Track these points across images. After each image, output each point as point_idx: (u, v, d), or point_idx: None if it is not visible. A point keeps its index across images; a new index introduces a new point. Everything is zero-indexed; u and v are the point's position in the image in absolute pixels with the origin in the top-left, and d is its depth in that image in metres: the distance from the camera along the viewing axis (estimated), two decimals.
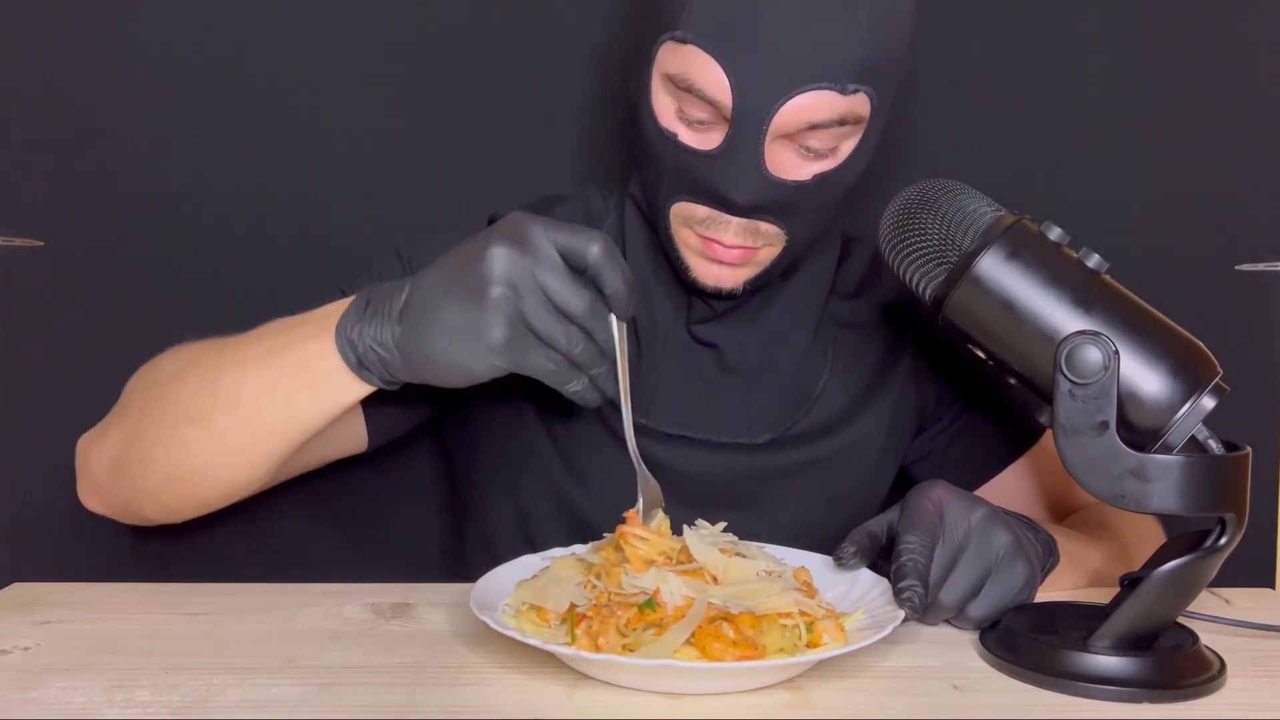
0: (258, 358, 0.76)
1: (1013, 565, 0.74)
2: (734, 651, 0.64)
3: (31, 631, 0.75)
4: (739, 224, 0.84)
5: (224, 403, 0.76)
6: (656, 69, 0.83)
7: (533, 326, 0.69)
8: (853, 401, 0.97)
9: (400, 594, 0.83)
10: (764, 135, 0.80)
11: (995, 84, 1.16)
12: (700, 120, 0.82)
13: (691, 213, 0.85)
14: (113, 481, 0.84)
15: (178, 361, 0.84)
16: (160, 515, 0.85)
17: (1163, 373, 0.69)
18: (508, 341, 0.69)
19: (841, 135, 0.83)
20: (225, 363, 0.78)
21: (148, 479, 0.81)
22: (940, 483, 0.77)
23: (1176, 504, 0.68)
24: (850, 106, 0.81)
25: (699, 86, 0.80)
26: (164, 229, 1.12)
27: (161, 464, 0.80)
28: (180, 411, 0.78)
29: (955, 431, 1.01)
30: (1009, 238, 0.72)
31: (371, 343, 0.72)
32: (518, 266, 0.69)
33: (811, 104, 0.79)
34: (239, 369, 0.77)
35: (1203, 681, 0.68)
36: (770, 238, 0.86)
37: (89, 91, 1.10)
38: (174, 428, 0.78)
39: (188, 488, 0.81)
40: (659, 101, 0.84)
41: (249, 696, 0.64)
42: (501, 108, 1.14)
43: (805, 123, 0.80)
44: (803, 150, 0.82)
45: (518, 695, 0.65)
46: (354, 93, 1.13)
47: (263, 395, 0.75)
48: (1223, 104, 1.15)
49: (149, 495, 0.82)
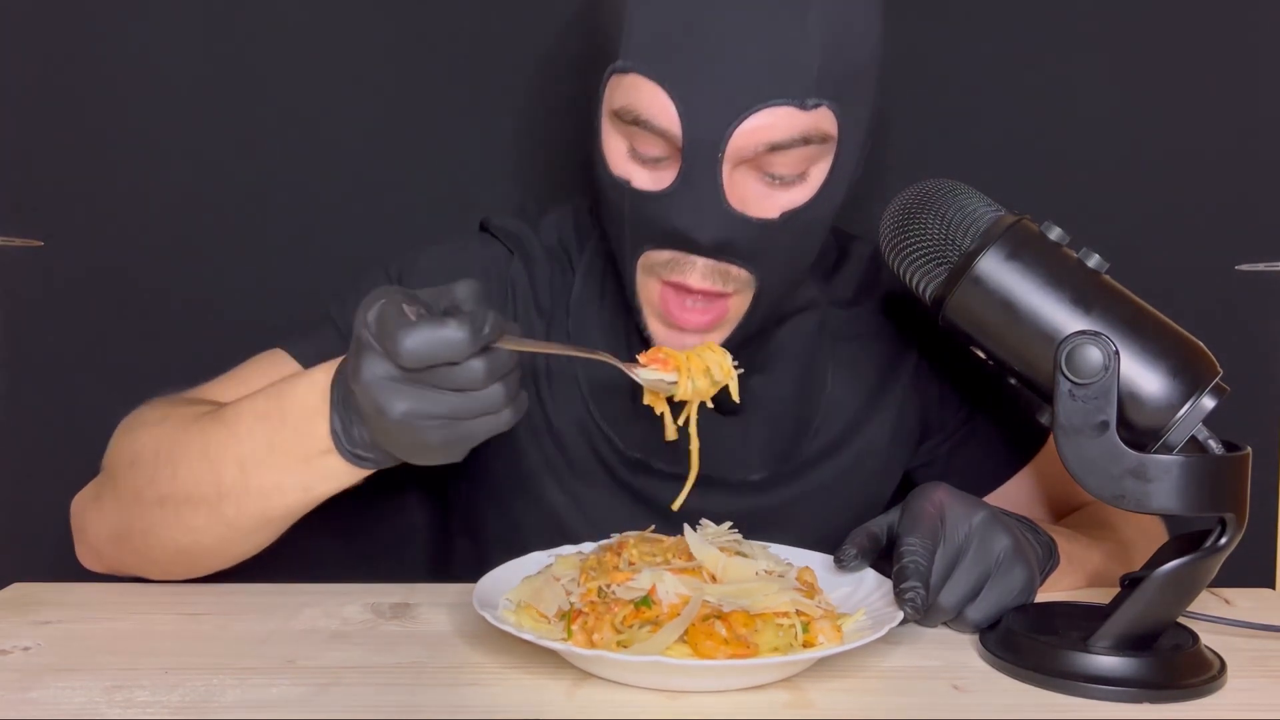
0: (256, 456, 0.73)
1: (1012, 568, 0.74)
2: (726, 650, 0.64)
3: (31, 631, 0.75)
4: (705, 265, 0.79)
5: (232, 496, 0.74)
6: (605, 108, 0.79)
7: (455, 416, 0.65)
8: (855, 417, 0.95)
9: (400, 594, 0.83)
10: (720, 163, 0.75)
11: (994, 84, 1.16)
12: (654, 157, 0.78)
13: (656, 258, 0.80)
14: (115, 551, 0.83)
15: (162, 430, 0.80)
16: (164, 578, 0.84)
17: (1163, 373, 0.69)
18: (445, 441, 0.66)
19: (809, 158, 0.77)
20: (221, 456, 0.74)
21: (153, 553, 0.80)
22: (941, 485, 0.77)
23: (1176, 504, 0.68)
24: (813, 123, 0.76)
25: (645, 117, 0.76)
26: (164, 229, 1.12)
27: (167, 543, 0.78)
28: (184, 497, 0.76)
29: (959, 439, 0.99)
30: (1009, 238, 0.72)
31: (361, 447, 0.70)
32: (397, 391, 0.64)
33: (769, 123, 0.74)
34: (238, 467, 0.73)
35: (1203, 681, 0.68)
36: (740, 282, 0.80)
37: (89, 91, 1.11)
38: (178, 511, 0.76)
39: (197, 560, 0.80)
40: (610, 145, 0.80)
41: (249, 696, 0.64)
42: (501, 108, 1.14)
43: (765, 144, 0.75)
44: (768, 178, 0.77)
45: (518, 695, 0.65)
46: (354, 93, 1.13)
47: (274, 491, 0.73)
48: (1223, 104, 1.15)
49: (156, 565, 0.82)
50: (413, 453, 0.68)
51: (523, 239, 0.94)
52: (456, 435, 0.66)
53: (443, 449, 0.67)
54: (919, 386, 0.98)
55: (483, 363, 0.64)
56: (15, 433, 1.13)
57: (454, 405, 0.65)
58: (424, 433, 0.65)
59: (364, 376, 0.65)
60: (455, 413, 0.65)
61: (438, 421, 0.65)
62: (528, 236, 0.94)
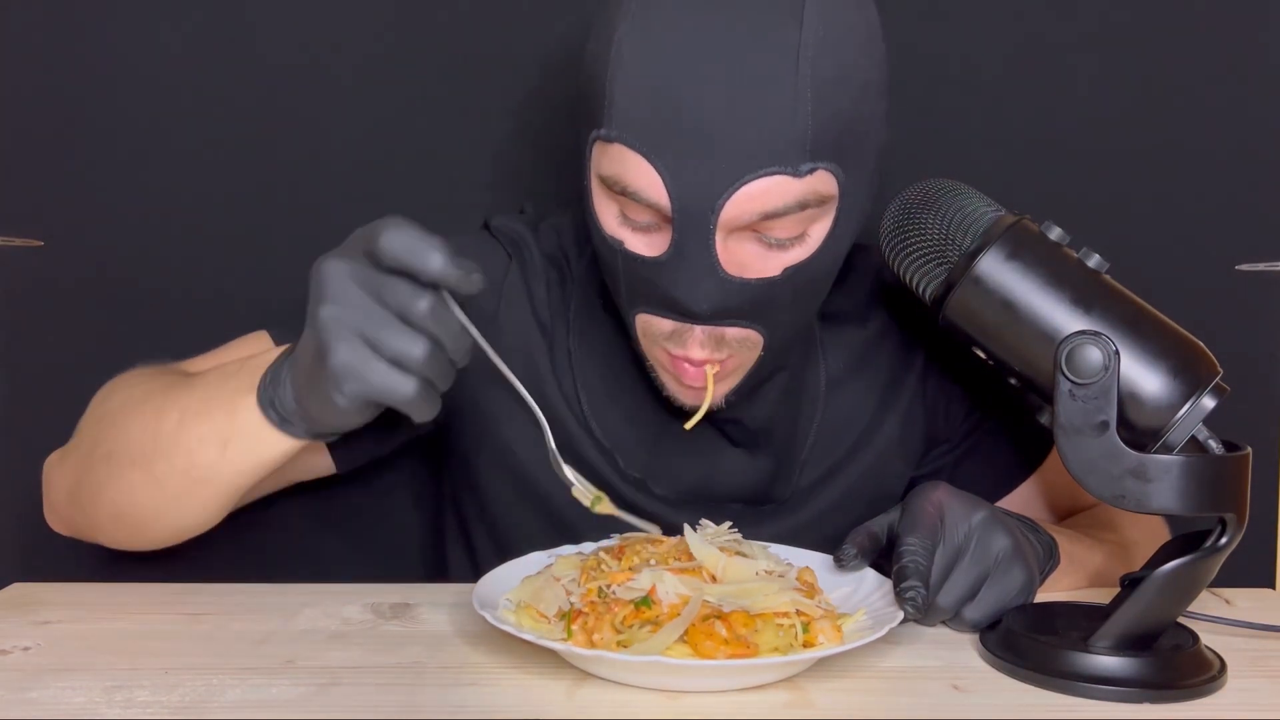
0: (195, 407, 0.73)
1: (1010, 569, 0.74)
2: (726, 650, 0.64)
3: (31, 631, 0.75)
4: (702, 334, 0.77)
5: (163, 449, 0.73)
6: (592, 170, 0.77)
7: (373, 341, 0.62)
8: (861, 434, 0.94)
9: (400, 594, 0.83)
10: (712, 234, 0.72)
11: (995, 84, 1.16)
12: (644, 224, 0.75)
13: (657, 328, 0.78)
14: (70, 510, 0.83)
15: (129, 392, 0.81)
16: (115, 545, 0.83)
17: (1163, 373, 0.69)
18: (348, 364, 0.62)
19: (807, 220, 0.74)
20: (168, 406, 0.75)
21: (97, 514, 0.80)
22: (941, 484, 0.77)
23: (1177, 504, 0.68)
24: (809, 187, 0.72)
25: (633, 189, 0.73)
26: (164, 229, 1.12)
27: (107, 503, 0.78)
28: (125, 453, 0.76)
29: (964, 451, 0.98)
30: (1009, 238, 0.72)
31: (275, 399, 0.68)
32: (345, 280, 0.62)
33: (762, 192, 0.71)
34: (179, 415, 0.73)
35: (1203, 682, 0.68)
36: (739, 345, 0.78)
37: (89, 91, 1.10)
38: (119, 469, 0.76)
39: (133, 527, 0.79)
40: (601, 206, 0.78)
41: (249, 696, 0.64)
42: (501, 108, 1.14)
43: (758, 213, 0.72)
44: (765, 241, 0.74)
45: (518, 695, 0.65)
46: (354, 94, 1.13)
47: (197, 445, 0.72)
48: (1222, 104, 1.15)
49: (100, 529, 0.82)
50: (313, 377, 0.64)
51: (522, 245, 0.93)
52: (357, 362, 0.61)
53: (341, 378, 0.62)
54: (925, 399, 0.96)
55: (428, 302, 0.61)
56: (15, 433, 1.13)
57: (378, 323, 0.61)
58: (335, 339, 0.62)
59: (326, 261, 0.63)
60: (373, 333, 0.61)
61: (350, 333, 0.61)
62: (527, 243, 0.93)
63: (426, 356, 0.62)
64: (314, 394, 0.65)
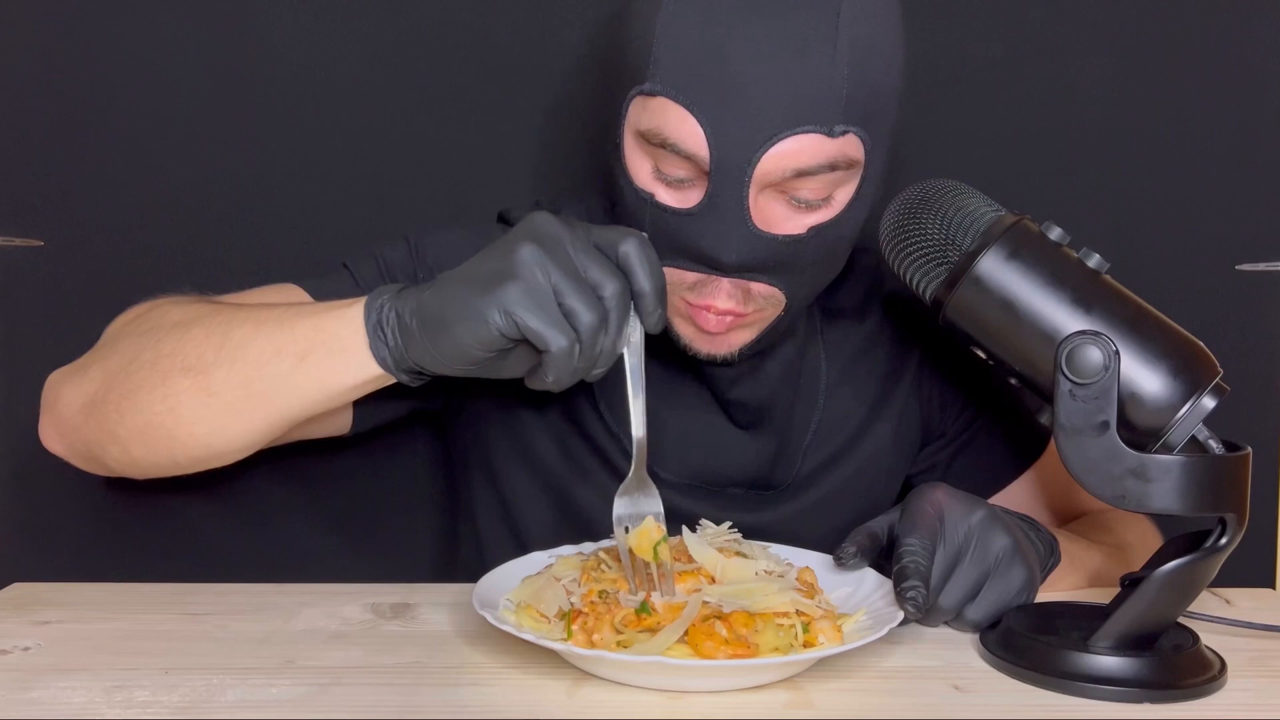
0: (276, 318, 0.73)
1: (1011, 568, 0.74)
2: (726, 650, 0.64)
3: (31, 631, 0.75)
4: (729, 286, 0.79)
5: (227, 356, 0.72)
6: (628, 127, 0.79)
7: (558, 288, 0.65)
8: (858, 427, 0.96)
9: (400, 594, 0.83)
10: (747, 187, 0.75)
11: (995, 84, 1.16)
12: (679, 178, 0.78)
13: (679, 278, 0.80)
14: (81, 421, 0.79)
15: (186, 309, 0.79)
16: (123, 467, 0.80)
17: (1163, 373, 0.69)
18: (525, 292, 0.64)
19: (834, 182, 0.78)
20: (241, 319, 0.74)
21: (122, 424, 0.76)
22: (940, 485, 0.77)
23: (1177, 504, 0.68)
24: (840, 149, 0.76)
25: (673, 141, 0.76)
26: (164, 229, 1.12)
27: (142, 410, 0.75)
28: (177, 358, 0.74)
29: (959, 445, 1.00)
30: (1009, 238, 0.72)
31: (397, 307, 0.69)
32: (555, 232, 0.66)
33: (796, 149, 0.75)
34: (254, 325, 0.73)
35: (1203, 682, 0.68)
36: (764, 300, 0.81)
37: (89, 91, 1.10)
38: (166, 375, 0.74)
39: (163, 441, 0.76)
40: (633, 161, 0.80)
41: (249, 696, 0.64)
42: (501, 108, 1.14)
43: (791, 170, 0.75)
44: (793, 201, 0.78)
45: (518, 695, 0.65)
46: (355, 94, 1.12)
47: (270, 355, 0.71)
48: (1222, 104, 1.15)
49: (119, 442, 0.77)
50: (473, 289, 0.66)
51: None
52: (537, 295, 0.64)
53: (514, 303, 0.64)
54: (921, 394, 0.99)
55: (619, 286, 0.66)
56: (15, 433, 1.13)
57: (568, 276, 0.65)
58: (528, 269, 0.64)
59: (541, 214, 0.67)
60: (560, 283, 0.65)
61: (543, 272, 0.65)
62: None
63: (594, 325, 0.65)
64: (462, 307, 0.66)
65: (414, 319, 0.68)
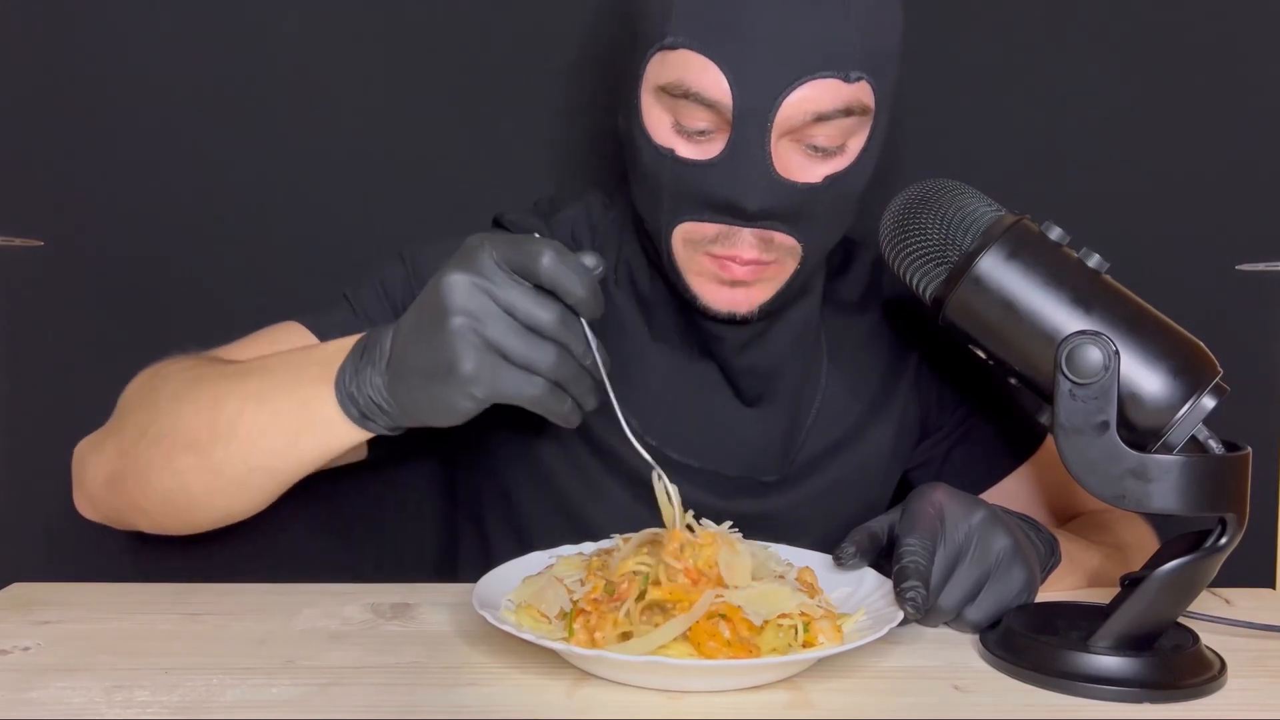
0: (259, 394, 0.75)
1: (1011, 569, 0.74)
2: (728, 651, 0.64)
3: (31, 631, 0.75)
4: (751, 236, 0.81)
5: (222, 435, 0.75)
6: (646, 86, 0.81)
7: (502, 349, 0.67)
8: (858, 420, 0.97)
9: (400, 594, 0.83)
10: (770, 132, 0.77)
11: (995, 83, 1.16)
12: (700, 130, 0.80)
13: (700, 233, 0.82)
14: (107, 495, 0.83)
15: (178, 379, 0.81)
16: (155, 529, 0.84)
17: (1163, 373, 0.69)
18: (478, 371, 0.67)
19: (848, 129, 0.80)
20: (226, 393, 0.76)
21: (144, 498, 0.80)
22: (941, 485, 0.77)
23: (1177, 504, 0.68)
24: (855, 95, 0.79)
25: (696, 89, 0.78)
26: (164, 229, 1.12)
27: (157, 488, 0.78)
28: (179, 438, 0.76)
29: (956, 438, 1.01)
30: (1009, 238, 0.72)
31: (371, 394, 0.71)
32: (473, 292, 0.67)
33: (816, 94, 0.77)
34: (239, 402, 0.75)
35: (1203, 682, 0.68)
36: (784, 251, 0.83)
37: (89, 91, 1.10)
38: (170, 454, 0.77)
39: (183, 511, 0.80)
40: (652, 118, 0.81)
41: (249, 696, 0.64)
42: (501, 108, 1.14)
43: (811, 114, 0.78)
44: (810, 150, 0.80)
45: (518, 695, 0.65)
46: (355, 93, 1.12)
47: (261, 434, 0.74)
48: (1222, 104, 1.15)
49: (144, 513, 0.82)
50: (433, 381, 0.68)
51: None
52: (489, 369, 0.67)
53: (473, 384, 0.67)
54: (920, 388, 0.99)
55: (555, 313, 0.67)
56: (15, 433, 1.13)
57: (506, 332, 0.67)
58: (466, 348, 0.66)
59: (449, 274, 0.67)
60: (503, 342, 0.67)
61: (481, 342, 0.67)
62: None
63: (555, 362, 0.68)
64: (429, 396, 0.69)
65: (392, 407, 0.72)
